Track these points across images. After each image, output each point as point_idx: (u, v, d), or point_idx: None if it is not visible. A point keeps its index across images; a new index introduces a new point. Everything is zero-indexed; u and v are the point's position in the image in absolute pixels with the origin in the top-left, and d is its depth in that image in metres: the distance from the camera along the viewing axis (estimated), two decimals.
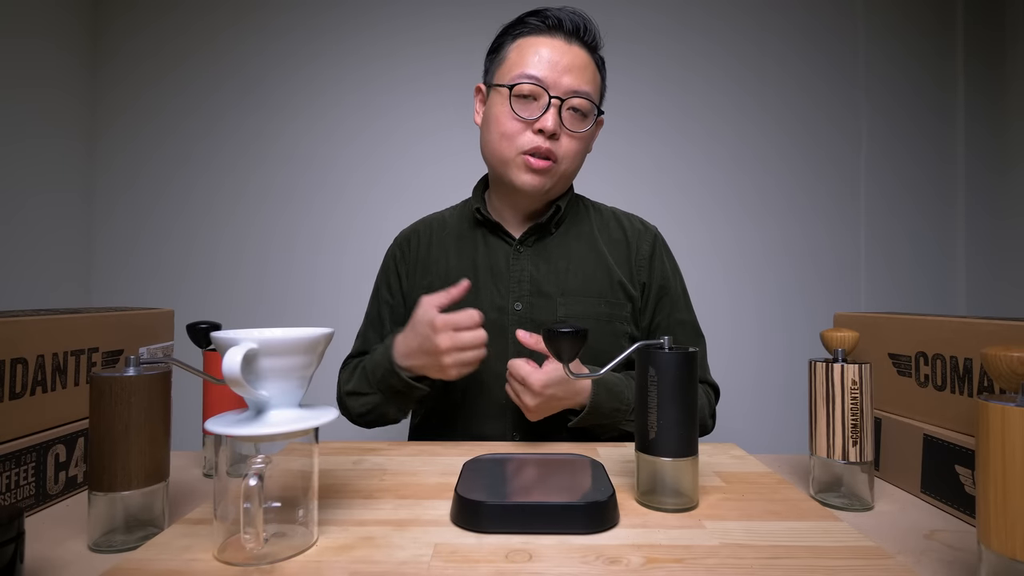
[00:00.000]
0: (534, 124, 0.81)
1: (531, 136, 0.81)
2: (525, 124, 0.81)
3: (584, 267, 0.87)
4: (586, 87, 0.82)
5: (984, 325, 0.55)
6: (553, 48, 0.81)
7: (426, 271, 0.92)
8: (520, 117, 0.81)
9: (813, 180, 1.71)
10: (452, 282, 0.89)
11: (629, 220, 0.96)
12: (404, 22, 1.70)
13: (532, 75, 0.80)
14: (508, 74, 0.82)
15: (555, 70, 0.80)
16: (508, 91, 0.81)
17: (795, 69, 1.70)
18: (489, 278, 0.87)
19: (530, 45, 0.82)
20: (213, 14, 1.69)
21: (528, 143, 0.81)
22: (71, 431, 0.62)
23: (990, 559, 0.38)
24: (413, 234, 0.97)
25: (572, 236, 0.90)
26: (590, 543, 0.45)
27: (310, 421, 0.44)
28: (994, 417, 0.37)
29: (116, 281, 1.69)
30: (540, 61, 0.81)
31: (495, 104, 0.84)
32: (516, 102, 0.81)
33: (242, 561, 0.42)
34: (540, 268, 0.87)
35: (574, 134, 0.83)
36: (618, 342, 0.86)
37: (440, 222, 0.96)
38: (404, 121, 1.69)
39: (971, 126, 1.69)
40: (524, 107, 0.81)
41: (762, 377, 1.67)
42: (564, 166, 0.84)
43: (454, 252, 0.91)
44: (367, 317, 0.97)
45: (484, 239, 0.90)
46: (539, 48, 0.81)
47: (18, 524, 0.39)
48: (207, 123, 1.70)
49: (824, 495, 0.58)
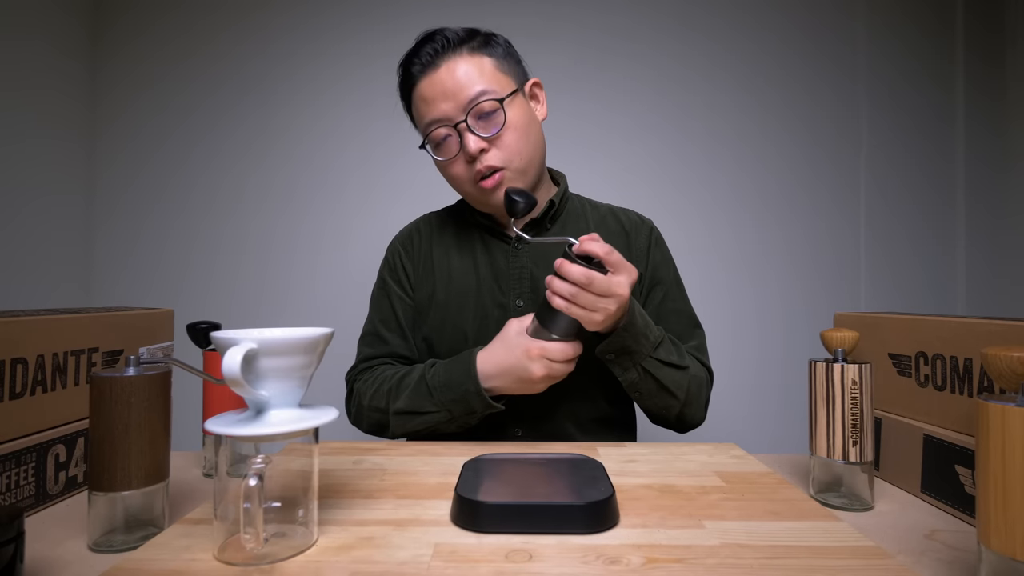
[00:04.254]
0: (461, 157, 0.82)
1: (466, 167, 0.82)
2: (458, 160, 0.83)
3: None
4: (477, 87, 0.80)
5: (984, 325, 0.55)
6: (434, 83, 0.81)
7: (429, 272, 0.92)
8: (447, 160, 0.83)
9: (813, 180, 1.71)
10: (456, 283, 0.89)
11: (626, 214, 0.96)
12: (404, 22, 1.69)
13: (432, 120, 0.82)
14: (423, 131, 0.85)
15: (447, 98, 0.80)
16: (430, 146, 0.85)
17: (796, 69, 1.70)
18: (490, 276, 0.88)
19: (420, 95, 0.83)
20: (213, 15, 1.69)
21: (472, 174, 0.82)
22: (71, 431, 0.62)
23: (990, 559, 0.38)
24: (415, 232, 0.96)
25: (569, 231, 0.90)
26: (590, 543, 0.45)
27: (310, 421, 0.44)
28: (994, 417, 0.37)
29: (116, 281, 1.69)
30: (433, 102, 0.81)
31: (434, 162, 0.87)
32: (439, 150, 0.84)
33: (242, 561, 0.42)
34: (539, 264, 0.87)
35: (497, 133, 0.81)
36: None
37: (438, 221, 0.97)
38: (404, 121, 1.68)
39: (971, 126, 1.69)
40: (447, 148, 0.83)
41: (762, 377, 1.67)
42: (515, 163, 0.82)
43: (455, 253, 0.91)
44: (378, 319, 0.93)
45: (482, 238, 0.91)
46: (423, 93, 0.82)
47: (18, 524, 0.39)
48: (207, 123, 1.70)
49: (824, 495, 0.58)
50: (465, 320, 0.87)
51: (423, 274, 0.92)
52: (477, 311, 0.87)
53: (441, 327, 0.88)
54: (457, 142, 0.81)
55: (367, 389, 0.85)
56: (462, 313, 0.87)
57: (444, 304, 0.88)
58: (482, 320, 0.86)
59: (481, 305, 0.87)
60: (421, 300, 0.91)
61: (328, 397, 0.92)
